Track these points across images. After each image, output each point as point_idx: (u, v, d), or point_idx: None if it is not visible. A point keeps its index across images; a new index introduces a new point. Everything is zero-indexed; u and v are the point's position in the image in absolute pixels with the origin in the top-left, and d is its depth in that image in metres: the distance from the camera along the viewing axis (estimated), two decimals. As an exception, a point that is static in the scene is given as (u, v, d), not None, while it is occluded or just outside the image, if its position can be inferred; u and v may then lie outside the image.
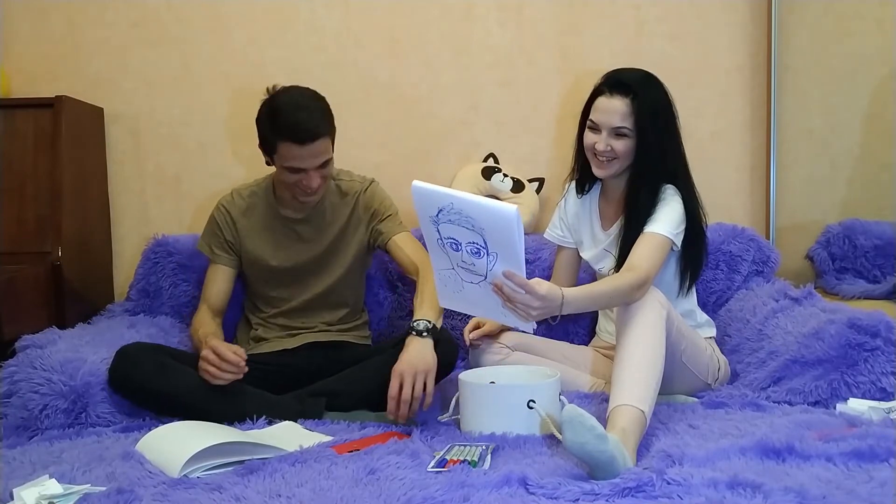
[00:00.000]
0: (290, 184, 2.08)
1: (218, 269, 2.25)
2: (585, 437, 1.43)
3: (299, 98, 2.06)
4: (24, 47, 2.82)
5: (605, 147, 2.01)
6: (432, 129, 2.86)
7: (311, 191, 2.08)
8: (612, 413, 1.63)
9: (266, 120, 2.05)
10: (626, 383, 1.66)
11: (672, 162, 2.04)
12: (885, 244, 2.67)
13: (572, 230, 2.27)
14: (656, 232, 1.94)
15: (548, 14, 2.82)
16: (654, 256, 1.91)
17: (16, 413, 1.92)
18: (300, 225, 2.23)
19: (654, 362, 1.71)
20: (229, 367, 1.88)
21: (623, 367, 1.70)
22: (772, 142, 2.77)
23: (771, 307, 2.22)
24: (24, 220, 2.52)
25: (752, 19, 2.80)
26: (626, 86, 1.99)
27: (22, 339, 2.05)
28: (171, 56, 2.84)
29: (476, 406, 1.82)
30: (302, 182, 2.06)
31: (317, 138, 2.01)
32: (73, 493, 1.45)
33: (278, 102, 2.04)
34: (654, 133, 1.99)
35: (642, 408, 1.62)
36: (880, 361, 1.87)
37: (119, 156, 2.86)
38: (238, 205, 2.25)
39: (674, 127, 2.05)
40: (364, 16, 2.83)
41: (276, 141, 2.03)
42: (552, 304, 1.66)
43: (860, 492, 1.33)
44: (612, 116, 1.99)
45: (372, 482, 1.47)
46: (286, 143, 2.01)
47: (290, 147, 2.01)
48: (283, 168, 2.06)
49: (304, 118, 2.00)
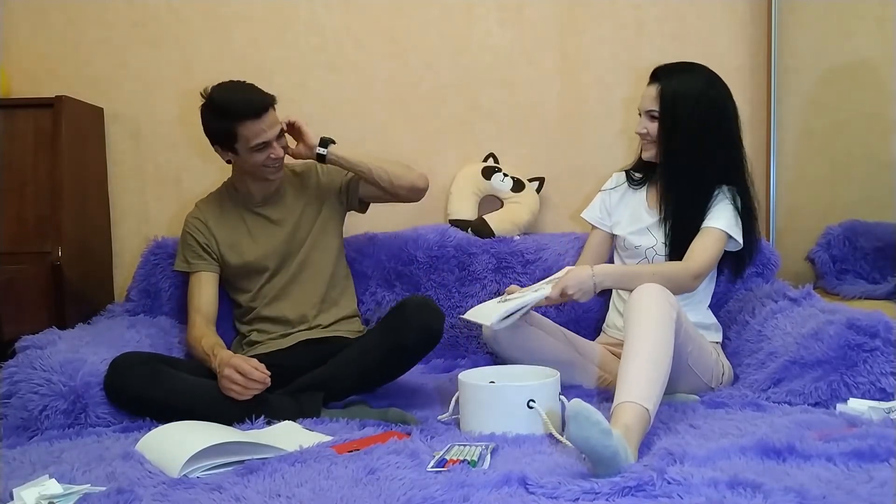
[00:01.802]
0: (260, 164, 2.18)
1: (200, 277, 2.28)
2: (590, 432, 1.43)
3: (233, 84, 2.18)
4: (24, 47, 2.82)
5: (642, 129, 2.20)
6: (432, 129, 2.86)
7: (280, 161, 2.21)
8: (616, 409, 1.62)
9: (217, 115, 2.14)
10: (633, 380, 1.66)
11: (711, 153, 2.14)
12: (885, 246, 2.66)
13: (613, 213, 2.37)
14: (714, 227, 2.11)
15: (548, 14, 2.82)
16: (711, 249, 2.10)
17: (16, 413, 1.92)
18: (267, 208, 2.31)
19: (662, 361, 1.71)
20: (255, 384, 1.91)
21: (630, 363, 1.69)
22: (772, 142, 2.77)
23: (770, 308, 2.22)
24: (24, 220, 2.52)
25: (752, 19, 2.80)
26: (656, 73, 2.20)
27: (22, 339, 2.05)
28: (171, 56, 2.84)
29: (476, 406, 1.82)
30: (270, 156, 2.17)
31: (268, 107, 2.15)
32: (73, 493, 1.45)
33: (219, 95, 2.15)
34: (684, 118, 2.12)
35: (647, 406, 1.61)
36: (879, 362, 1.86)
37: (119, 156, 2.86)
38: (208, 211, 2.33)
39: (714, 117, 2.14)
40: (364, 16, 2.83)
41: (235, 127, 2.12)
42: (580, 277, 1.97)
43: (860, 492, 1.33)
44: (645, 101, 2.20)
45: (372, 482, 1.47)
46: (246, 122, 2.11)
47: (251, 125, 2.12)
48: (250, 150, 2.15)
49: (248, 94, 2.15)
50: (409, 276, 2.62)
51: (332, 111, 2.83)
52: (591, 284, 1.97)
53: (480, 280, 2.61)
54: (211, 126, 2.17)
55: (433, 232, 2.65)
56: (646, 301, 1.79)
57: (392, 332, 2.03)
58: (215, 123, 2.15)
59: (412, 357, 2.08)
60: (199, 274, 2.28)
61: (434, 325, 2.04)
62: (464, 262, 2.62)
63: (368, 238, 2.66)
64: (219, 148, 2.21)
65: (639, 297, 1.80)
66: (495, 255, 2.62)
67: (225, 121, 2.12)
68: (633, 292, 1.83)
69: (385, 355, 2.04)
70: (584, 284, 1.96)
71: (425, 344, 2.06)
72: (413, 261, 2.61)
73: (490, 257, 2.62)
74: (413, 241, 2.63)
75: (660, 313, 1.76)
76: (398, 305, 2.10)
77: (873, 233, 2.69)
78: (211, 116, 2.16)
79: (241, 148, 2.15)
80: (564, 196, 2.84)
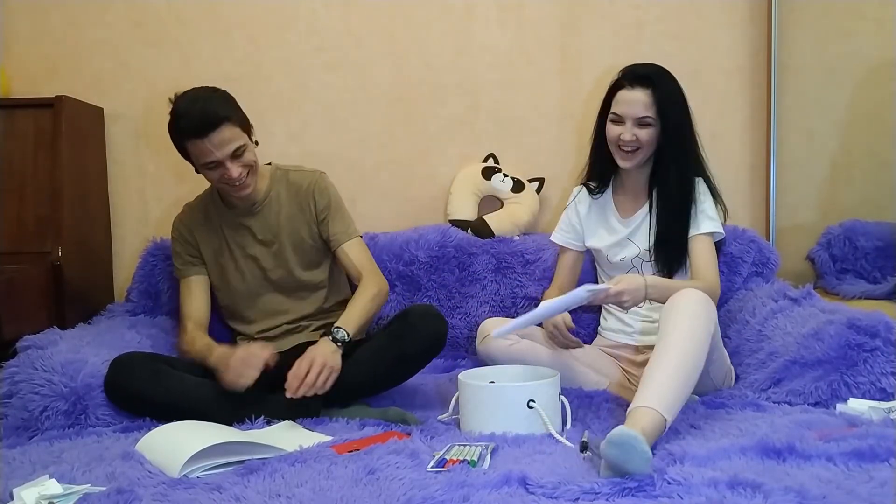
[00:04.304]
0: (216, 181, 2.09)
1: (190, 282, 2.26)
2: (634, 460, 1.41)
3: (194, 94, 2.06)
4: (24, 47, 2.82)
5: (631, 137, 2.09)
6: (432, 129, 2.86)
7: (236, 182, 2.06)
8: (635, 411, 1.59)
9: (171, 127, 2.06)
10: (657, 386, 1.62)
11: (694, 152, 2.15)
12: (885, 245, 2.67)
13: (584, 228, 2.32)
14: (706, 232, 2.10)
15: (548, 14, 2.82)
16: (713, 260, 2.09)
17: (16, 414, 1.92)
18: (250, 219, 2.23)
19: (691, 373, 1.67)
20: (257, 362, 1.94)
21: (658, 368, 1.65)
22: (772, 142, 2.77)
23: (770, 308, 2.22)
24: (24, 220, 2.52)
25: (752, 19, 2.80)
26: (645, 77, 2.09)
27: (23, 339, 2.05)
28: (171, 56, 2.84)
29: (476, 406, 1.82)
30: (224, 176, 2.05)
31: (217, 125, 1.99)
32: (73, 493, 1.45)
33: (177, 106, 2.04)
34: (676, 122, 2.10)
35: (667, 416, 1.58)
36: (880, 362, 1.86)
37: (119, 156, 2.86)
38: (193, 217, 2.28)
39: (690, 118, 2.14)
40: (364, 16, 2.83)
41: (183, 143, 2.04)
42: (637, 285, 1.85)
43: (860, 492, 1.33)
44: (635, 107, 2.08)
45: (372, 482, 1.47)
46: (191, 140, 2.01)
47: (195, 143, 2.01)
48: (202, 167, 2.07)
49: (199, 110, 1.99)
50: (410, 276, 2.62)
51: (332, 111, 2.83)
52: (643, 294, 1.87)
53: (480, 281, 2.61)
54: (170, 135, 2.09)
55: (434, 232, 2.65)
56: (688, 307, 1.74)
57: (398, 340, 2.03)
58: (171, 134, 2.08)
59: (418, 364, 2.08)
60: (188, 279, 2.26)
61: (440, 332, 2.05)
62: (464, 263, 2.62)
63: (369, 238, 2.65)
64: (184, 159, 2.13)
65: (682, 302, 1.76)
66: (495, 256, 2.62)
67: (175, 135, 2.05)
68: (677, 295, 1.78)
69: (391, 363, 2.04)
70: (639, 293, 1.85)
71: (431, 351, 2.06)
72: (414, 261, 2.61)
73: (490, 258, 2.62)
74: (414, 241, 2.63)
75: (700, 323, 1.73)
76: (402, 314, 2.09)
77: (873, 233, 2.69)
78: (169, 126, 2.07)
79: (196, 163, 2.08)
80: (564, 196, 2.83)
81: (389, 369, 2.05)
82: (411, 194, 2.86)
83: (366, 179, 2.85)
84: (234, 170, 2.04)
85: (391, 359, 2.03)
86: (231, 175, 2.04)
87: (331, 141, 2.85)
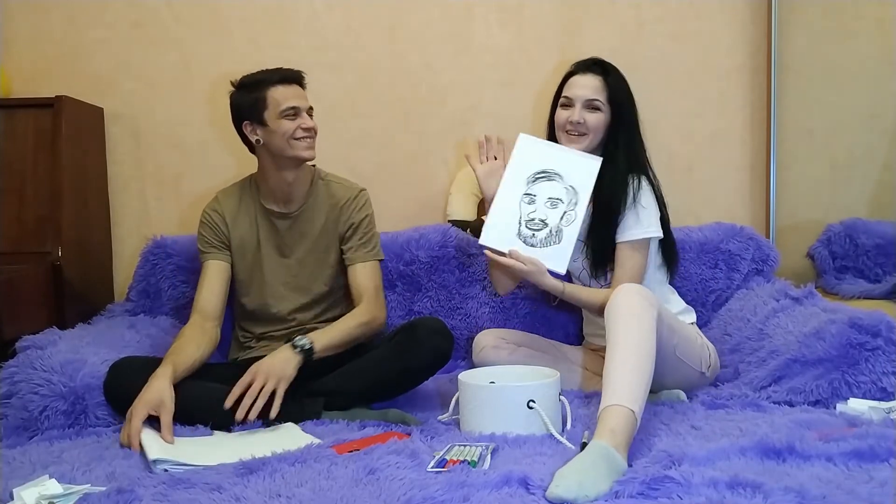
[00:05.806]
0: (290, 134, 2.11)
1: (210, 266, 2.20)
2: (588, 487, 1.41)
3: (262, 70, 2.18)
4: (24, 47, 2.82)
5: (579, 118, 2.10)
6: (432, 129, 2.86)
7: (313, 132, 2.15)
8: (602, 413, 1.61)
9: (248, 87, 2.14)
10: (617, 383, 1.65)
11: (636, 151, 2.14)
12: (886, 243, 2.67)
13: None
14: (632, 239, 2.07)
15: (548, 14, 2.82)
16: (637, 266, 2.08)
17: (16, 414, 1.92)
18: (282, 222, 2.22)
19: (645, 362, 1.70)
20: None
21: (613, 367, 1.68)
22: (772, 142, 2.77)
23: (772, 307, 2.22)
24: (24, 220, 2.52)
25: (752, 19, 2.80)
26: (598, 65, 2.14)
27: (22, 339, 2.05)
28: (171, 56, 2.84)
29: (476, 406, 1.82)
30: (301, 126, 2.12)
31: (301, 80, 2.17)
32: (73, 493, 1.45)
33: (249, 76, 2.16)
34: (624, 113, 2.11)
35: (632, 408, 1.60)
36: (881, 361, 1.87)
37: (119, 156, 2.86)
38: (227, 204, 2.25)
39: (636, 117, 2.16)
40: (364, 16, 2.83)
41: (265, 93, 2.11)
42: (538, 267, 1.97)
43: (860, 492, 1.33)
44: (586, 90, 2.11)
45: (372, 482, 1.47)
46: (277, 87, 2.12)
47: (282, 90, 2.12)
48: (281, 117, 2.10)
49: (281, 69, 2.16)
50: (411, 276, 2.62)
51: (332, 111, 2.83)
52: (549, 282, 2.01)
53: (480, 281, 2.60)
54: (240, 103, 2.14)
55: (435, 232, 2.65)
56: (624, 303, 1.77)
57: (404, 354, 2.01)
58: (245, 97, 2.13)
59: (421, 378, 2.07)
60: (207, 263, 2.21)
61: (446, 350, 2.04)
62: (464, 263, 2.62)
63: (369, 238, 2.65)
64: (248, 125, 2.13)
65: (617, 301, 1.78)
66: (495, 256, 2.62)
67: (255, 90, 2.11)
68: (612, 296, 1.81)
69: (396, 376, 2.03)
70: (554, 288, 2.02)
71: (434, 367, 2.05)
72: (415, 261, 2.61)
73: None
74: (415, 240, 2.62)
75: (640, 314, 1.75)
76: (411, 326, 2.06)
77: (874, 230, 2.69)
78: (242, 93, 2.14)
79: (271, 116, 2.10)
80: (564, 196, 2.84)
81: (392, 381, 2.04)
82: (411, 194, 2.86)
83: (366, 179, 2.83)
84: (310, 120, 2.15)
85: (394, 371, 2.02)
86: (308, 124, 2.14)
87: (331, 141, 2.84)
